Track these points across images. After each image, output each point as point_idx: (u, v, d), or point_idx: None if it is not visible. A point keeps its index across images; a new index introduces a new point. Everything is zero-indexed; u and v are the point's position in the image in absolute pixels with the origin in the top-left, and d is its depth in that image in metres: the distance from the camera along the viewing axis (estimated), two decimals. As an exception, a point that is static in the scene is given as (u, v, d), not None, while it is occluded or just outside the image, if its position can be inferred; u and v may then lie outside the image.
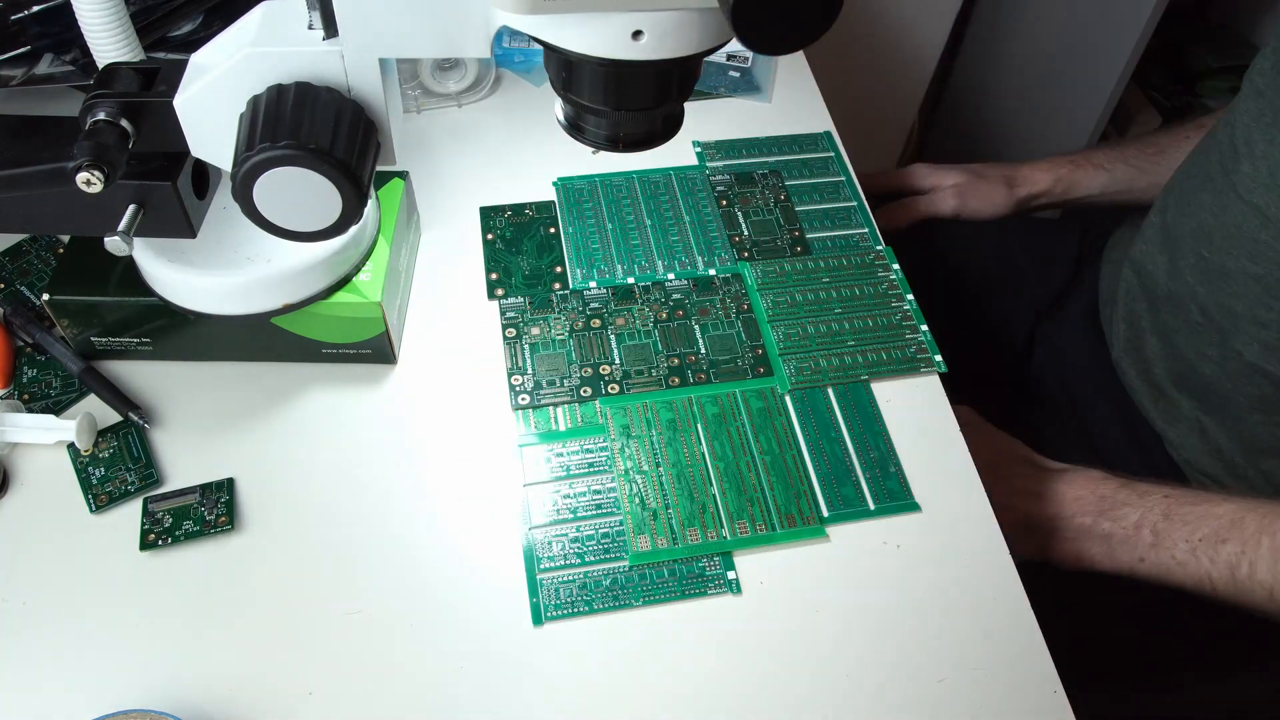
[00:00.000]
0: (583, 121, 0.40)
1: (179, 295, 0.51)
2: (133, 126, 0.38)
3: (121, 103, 0.38)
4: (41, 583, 0.47)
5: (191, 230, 0.42)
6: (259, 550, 0.49)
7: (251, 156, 0.35)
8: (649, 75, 0.36)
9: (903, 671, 0.46)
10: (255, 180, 0.36)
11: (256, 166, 0.36)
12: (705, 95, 0.74)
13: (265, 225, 0.38)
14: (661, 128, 0.41)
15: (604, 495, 0.51)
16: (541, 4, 0.33)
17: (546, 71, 0.39)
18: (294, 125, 0.35)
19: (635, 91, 0.37)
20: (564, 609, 0.47)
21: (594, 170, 0.68)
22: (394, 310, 0.55)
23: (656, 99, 0.38)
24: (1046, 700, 0.45)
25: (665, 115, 0.40)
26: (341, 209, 0.38)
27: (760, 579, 0.48)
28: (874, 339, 0.58)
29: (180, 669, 0.45)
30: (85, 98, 0.38)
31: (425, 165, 0.66)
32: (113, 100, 0.38)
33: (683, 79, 0.38)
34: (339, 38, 0.36)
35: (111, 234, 0.39)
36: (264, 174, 0.36)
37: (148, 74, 0.39)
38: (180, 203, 0.41)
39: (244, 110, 0.37)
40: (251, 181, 0.36)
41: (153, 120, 0.38)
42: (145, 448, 0.52)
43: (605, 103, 0.37)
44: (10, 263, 0.60)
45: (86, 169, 0.37)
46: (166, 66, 0.39)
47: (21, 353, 0.56)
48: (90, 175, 0.37)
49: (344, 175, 0.36)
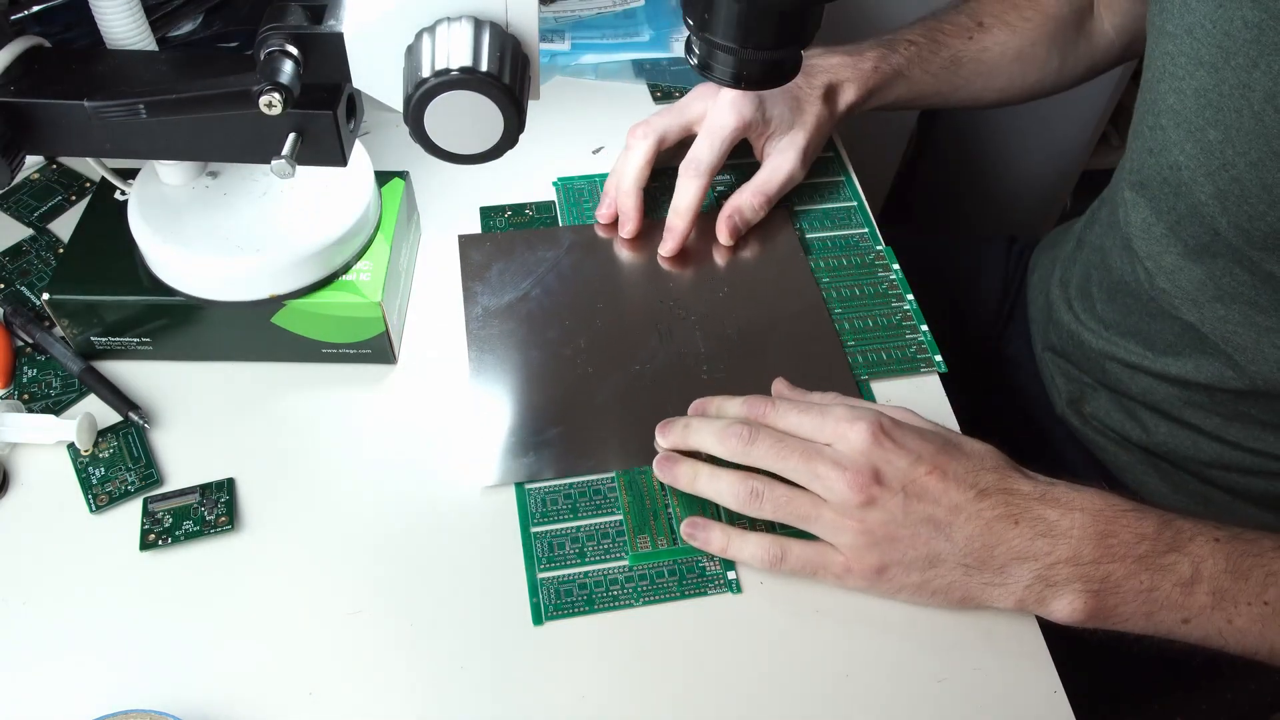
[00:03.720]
0: (713, 60, 0.44)
1: (180, 280, 0.52)
2: (302, 57, 0.42)
3: (294, 34, 0.41)
4: (41, 583, 0.47)
5: (344, 158, 0.46)
6: (259, 550, 0.49)
7: (428, 81, 0.39)
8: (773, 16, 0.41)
9: (903, 671, 0.46)
10: (428, 104, 0.40)
11: (432, 90, 0.39)
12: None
13: (430, 147, 0.42)
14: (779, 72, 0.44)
15: (604, 495, 0.51)
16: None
17: (685, 14, 0.43)
18: (466, 54, 0.39)
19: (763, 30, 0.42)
20: (564, 609, 0.47)
21: (594, 170, 0.68)
22: (394, 310, 0.55)
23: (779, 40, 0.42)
24: (1046, 700, 0.45)
25: (785, 59, 0.44)
26: (501, 134, 0.41)
27: (760, 579, 0.48)
28: (874, 339, 0.58)
29: (180, 669, 0.45)
30: (259, 30, 0.41)
31: (425, 165, 0.66)
32: (286, 32, 0.41)
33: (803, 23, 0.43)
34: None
35: (275, 159, 0.43)
36: (437, 98, 0.39)
37: (315, 10, 0.42)
38: (338, 130, 0.44)
39: (412, 42, 0.40)
40: (424, 106, 0.40)
41: (320, 52, 0.42)
42: (145, 448, 0.52)
43: (735, 40, 0.42)
44: (10, 263, 0.60)
45: (268, 92, 0.40)
46: (331, 3, 0.43)
47: (21, 353, 0.56)
48: (272, 98, 0.40)
49: (510, 101, 0.40)
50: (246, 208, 0.52)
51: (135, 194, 0.53)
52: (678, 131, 0.63)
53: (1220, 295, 0.57)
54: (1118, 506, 0.46)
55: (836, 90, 0.65)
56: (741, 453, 0.48)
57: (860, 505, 0.45)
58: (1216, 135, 0.52)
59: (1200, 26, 0.52)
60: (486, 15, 0.40)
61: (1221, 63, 0.51)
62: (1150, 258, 0.61)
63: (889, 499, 0.45)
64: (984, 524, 0.45)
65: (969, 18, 0.71)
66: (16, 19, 0.56)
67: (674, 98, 0.73)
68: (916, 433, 0.47)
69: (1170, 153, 0.56)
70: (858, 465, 0.45)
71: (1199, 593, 0.44)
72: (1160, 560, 0.44)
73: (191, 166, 0.52)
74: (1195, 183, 0.55)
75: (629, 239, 0.62)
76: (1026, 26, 0.71)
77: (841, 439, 0.46)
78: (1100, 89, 1.14)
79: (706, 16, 0.41)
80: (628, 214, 0.62)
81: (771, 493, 0.47)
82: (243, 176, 0.53)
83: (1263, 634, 0.44)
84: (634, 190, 0.62)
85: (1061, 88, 0.76)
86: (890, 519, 0.45)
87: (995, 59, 0.71)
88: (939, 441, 0.47)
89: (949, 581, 0.46)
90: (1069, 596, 0.44)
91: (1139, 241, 0.61)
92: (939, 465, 0.46)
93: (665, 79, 0.75)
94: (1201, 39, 0.52)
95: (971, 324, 0.82)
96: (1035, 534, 0.45)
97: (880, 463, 0.46)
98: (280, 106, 0.40)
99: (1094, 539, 0.44)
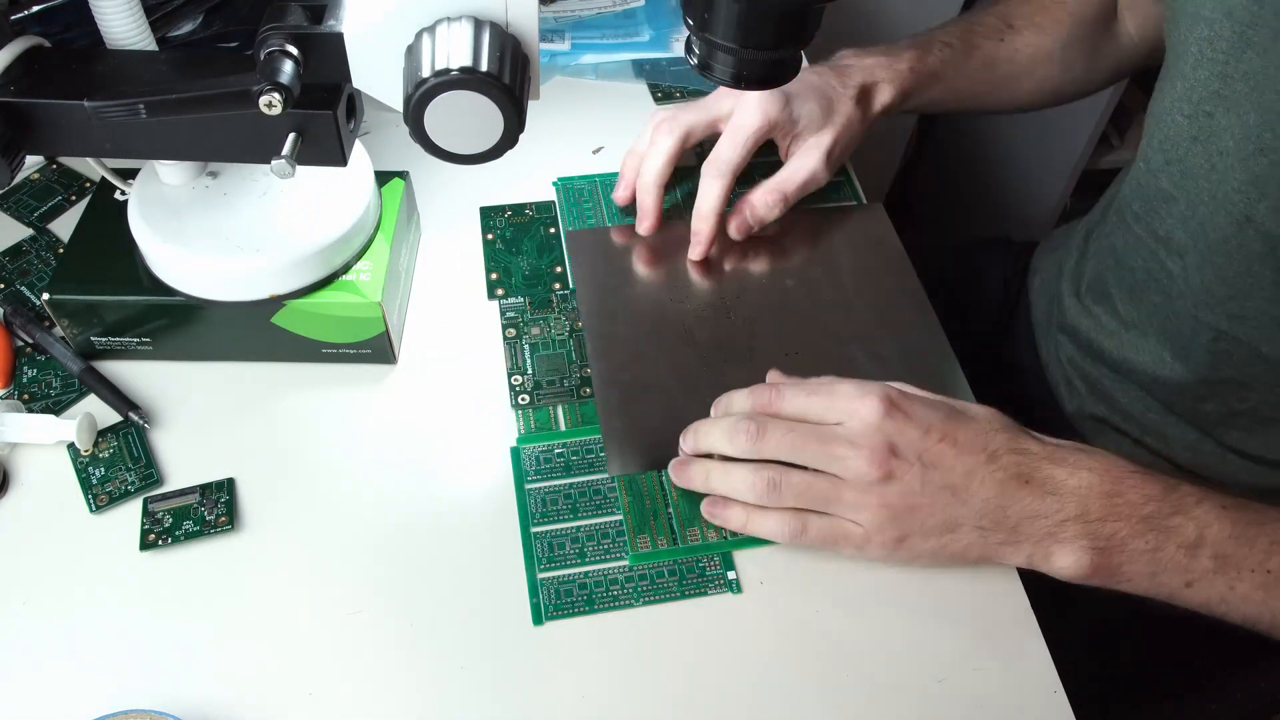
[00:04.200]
0: (713, 60, 0.44)
1: (180, 280, 0.52)
2: (302, 57, 0.42)
3: (294, 34, 0.41)
4: (41, 583, 0.47)
5: (344, 158, 0.46)
6: (259, 550, 0.49)
7: (428, 81, 0.39)
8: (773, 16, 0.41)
9: (903, 671, 0.46)
10: (428, 104, 0.40)
11: (432, 90, 0.39)
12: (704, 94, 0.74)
13: (430, 147, 0.42)
14: (779, 71, 0.44)
15: (604, 494, 0.51)
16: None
17: (685, 14, 0.43)
18: (466, 54, 0.39)
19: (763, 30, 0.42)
20: (564, 609, 0.47)
21: (594, 170, 0.68)
22: (394, 310, 0.55)
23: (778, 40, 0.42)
24: (1046, 700, 0.45)
25: (785, 59, 0.44)
26: (501, 134, 0.41)
27: (760, 579, 0.48)
28: (874, 339, 0.58)
29: (180, 669, 0.45)
30: (260, 30, 0.41)
31: (425, 165, 0.66)
32: (286, 32, 0.41)
33: (803, 23, 0.43)
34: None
35: (275, 159, 0.43)
36: (437, 98, 0.39)
37: (315, 10, 0.43)
38: (338, 130, 0.45)
39: (412, 42, 0.40)
40: (424, 106, 0.40)
41: (321, 52, 0.42)
42: (145, 448, 0.52)
43: (734, 40, 0.42)
44: (10, 263, 0.60)
45: (268, 92, 0.40)
46: (331, 3, 0.43)
47: (21, 353, 0.56)
48: (271, 98, 0.40)
49: (510, 101, 0.40)
50: (246, 208, 0.52)
51: (135, 194, 0.53)
52: (703, 129, 0.62)
53: (1245, 290, 0.57)
54: (1125, 468, 0.46)
55: (872, 91, 0.65)
56: (751, 449, 0.48)
57: (879, 480, 0.46)
58: (1255, 118, 0.52)
59: (1242, 7, 0.51)
60: (486, 15, 0.40)
61: (1270, 43, 0.50)
62: (1174, 252, 0.60)
63: (906, 471, 0.46)
64: (997, 485, 0.46)
65: (999, 19, 0.71)
66: (17, 19, 0.56)
67: (675, 98, 0.73)
68: (923, 402, 0.48)
69: (1221, 139, 0.55)
70: (873, 442, 0.46)
71: (1202, 556, 0.45)
72: (1166, 522, 0.45)
73: (191, 166, 0.52)
74: (1231, 169, 0.54)
75: (647, 234, 0.63)
76: (1055, 29, 0.71)
77: (853, 416, 0.47)
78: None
79: (706, 16, 0.42)
80: (646, 211, 0.62)
81: (788, 480, 0.47)
82: (243, 176, 0.53)
83: (1265, 601, 0.45)
84: (655, 187, 0.61)
85: (1087, 92, 0.76)
86: (909, 490, 0.46)
87: (1026, 61, 0.71)
88: (945, 409, 0.48)
89: (966, 544, 0.47)
90: (1075, 553, 0.45)
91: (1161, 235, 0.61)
92: (949, 433, 0.46)
93: (665, 79, 0.75)
94: (1245, 20, 0.51)
95: (972, 326, 0.82)
96: (1045, 492, 0.46)
97: (894, 436, 0.46)
98: (280, 106, 0.40)
99: (1101, 498, 0.45)
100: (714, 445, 0.49)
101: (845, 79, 0.64)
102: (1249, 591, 0.45)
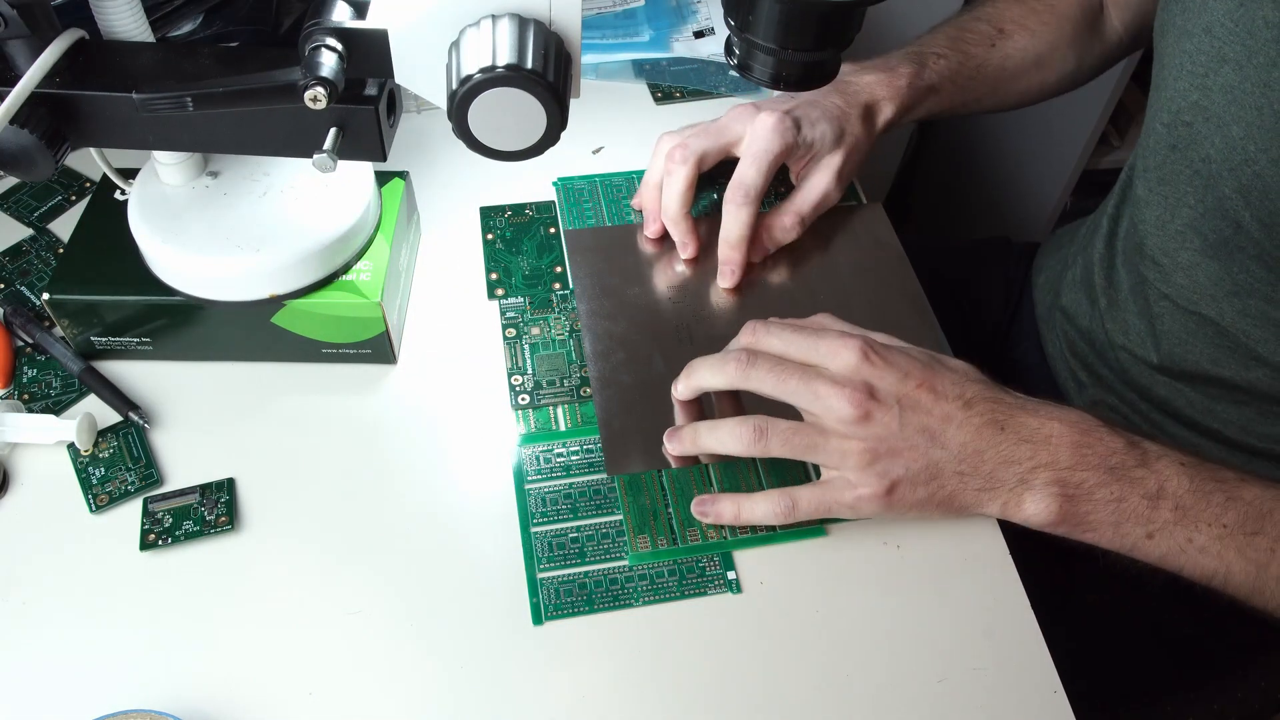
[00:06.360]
0: (752, 60, 0.44)
1: (180, 280, 0.52)
2: (346, 52, 0.42)
3: (338, 30, 0.41)
4: (41, 583, 0.47)
5: (384, 153, 0.46)
6: (259, 550, 0.49)
7: (473, 78, 0.39)
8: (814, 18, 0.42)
9: (903, 671, 0.46)
10: (473, 100, 0.40)
11: (477, 86, 0.39)
12: (704, 95, 0.74)
13: (472, 143, 0.42)
14: (819, 72, 0.45)
15: (604, 494, 0.51)
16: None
17: (726, 14, 0.44)
18: (511, 51, 0.39)
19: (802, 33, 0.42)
20: (564, 609, 0.47)
21: (594, 170, 0.68)
22: (394, 310, 0.55)
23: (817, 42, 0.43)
24: (1046, 700, 0.45)
25: (825, 60, 0.45)
26: (544, 132, 0.41)
27: (760, 579, 0.48)
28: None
29: (180, 669, 0.45)
30: (304, 26, 0.42)
31: (425, 165, 0.66)
32: (330, 28, 0.41)
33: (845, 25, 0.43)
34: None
35: (317, 154, 0.44)
36: (482, 94, 0.40)
37: (358, 6, 0.43)
38: (379, 126, 0.45)
39: (456, 39, 0.40)
40: (469, 102, 0.40)
41: (364, 47, 0.42)
42: (145, 448, 0.52)
43: (774, 41, 0.42)
44: (10, 263, 0.60)
45: (313, 86, 0.40)
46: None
47: (21, 353, 0.56)
48: (316, 92, 0.40)
49: (554, 99, 0.40)
50: (246, 208, 0.52)
51: (135, 194, 0.53)
52: (716, 154, 0.62)
53: (1237, 290, 0.57)
54: (1092, 422, 0.48)
55: (875, 109, 0.65)
56: (740, 377, 0.49)
57: (858, 420, 0.47)
58: (1239, 131, 0.53)
59: (1220, 25, 0.53)
60: (530, 13, 0.40)
61: (1244, 60, 0.52)
62: (1166, 255, 0.61)
63: (884, 413, 0.47)
64: (974, 430, 0.47)
65: (990, 25, 0.72)
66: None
67: (674, 98, 0.73)
68: (903, 352, 0.49)
69: (1201, 147, 0.56)
70: (853, 383, 0.47)
71: (1163, 508, 0.47)
72: (1130, 474, 0.47)
73: (192, 166, 0.52)
74: (1220, 177, 0.55)
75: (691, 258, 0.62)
76: (1045, 30, 0.71)
77: (834, 357, 0.48)
78: (1100, 89, 1.14)
79: (750, 18, 0.42)
80: (684, 241, 0.61)
81: (775, 427, 0.48)
82: (243, 176, 0.53)
83: (1221, 554, 0.47)
84: (682, 218, 0.61)
85: (1076, 85, 0.76)
86: (889, 433, 0.47)
87: (1018, 65, 0.71)
88: (925, 358, 0.49)
89: (950, 491, 0.48)
90: (1045, 499, 0.47)
91: (1151, 240, 0.62)
92: (927, 380, 0.48)
93: (665, 79, 0.75)
94: (1222, 37, 0.53)
95: (974, 326, 0.82)
96: (1019, 439, 0.47)
97: (873, 378, 0.47)
98: (325, 101, 0.41)
99: (1070, 447, 0.47)
100: (704, 379, 0.51)
101: (849, 98, 0.65)
102: (1206, 543, 0.47)
